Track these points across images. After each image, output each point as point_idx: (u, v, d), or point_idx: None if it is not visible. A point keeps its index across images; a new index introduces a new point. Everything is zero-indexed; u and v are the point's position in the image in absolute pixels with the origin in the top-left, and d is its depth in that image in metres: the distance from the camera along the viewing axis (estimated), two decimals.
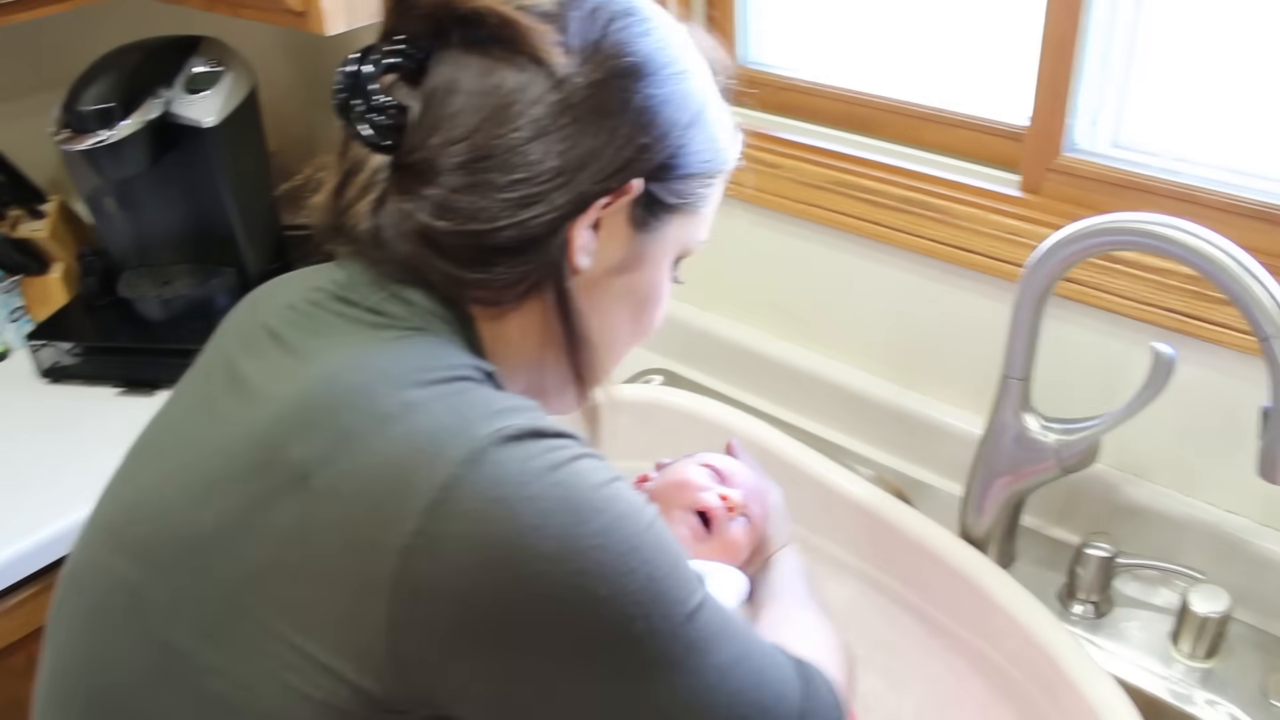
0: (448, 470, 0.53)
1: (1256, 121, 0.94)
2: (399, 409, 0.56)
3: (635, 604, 0.55)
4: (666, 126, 0.64)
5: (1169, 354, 0.84)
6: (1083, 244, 0.84)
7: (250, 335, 0.66)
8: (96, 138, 1.27)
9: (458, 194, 0.61)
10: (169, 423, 0.68)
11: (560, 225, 0.62)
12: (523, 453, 0.55)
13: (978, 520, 1.00)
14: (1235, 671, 0.90)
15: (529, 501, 0.54)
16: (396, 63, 0.61)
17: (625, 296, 0.69)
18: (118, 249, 1.43)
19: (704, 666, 0.58)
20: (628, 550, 0.55)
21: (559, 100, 0.60)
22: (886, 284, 1.14)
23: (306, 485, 0.55)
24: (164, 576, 0.59)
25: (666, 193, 0.66)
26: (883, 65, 1.17)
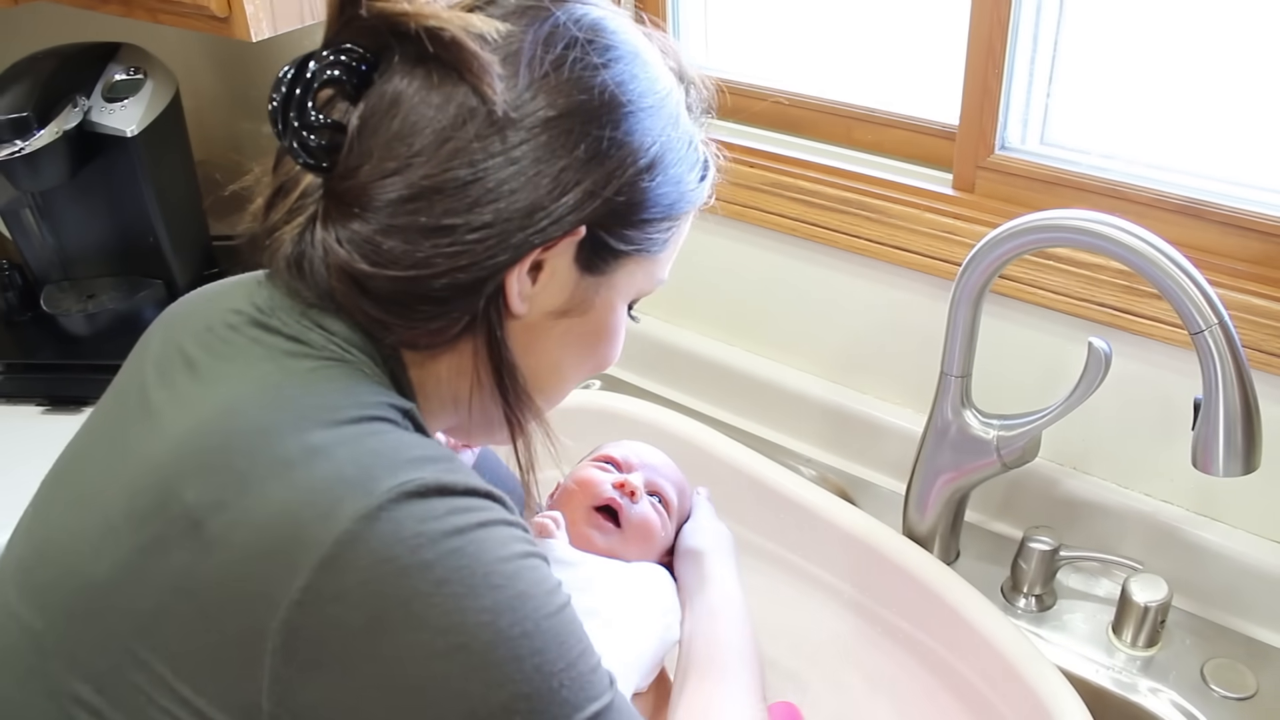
0: (342, 526, 0.50)
1: (1180, 119, 0.96)
2: (300, 454, 0.53)
3: (519, 695, 0.51)
4: (619, 171, 0.60)
5: (1104, 348, 0.85)
6: (1018, 241, 0.85)
7: (165, 358, 0.62)
8: (11, 148, 1.23)
9: (386, 235, 0.57)
10: (80, 452, 0.64)
11: (495, 274, 0.59)
12: (423, 512, 0.52)
13: (921, 517, 1.01)
14: (1175, 659, 0.92)
15: (422, 568, 0.50)
16: (336, 76, 0.57)
17: (570, 339, 0.66)
18: (38, 262, 1.39)
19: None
20: (520, 634, 0.51)
21: (500, 139, 0.57)
22: (823, 284, 1.14)
23: (199, 532, 0.52)
24: (63, 626, 0.55)
25: (617, 239, 0.62)
26: (813, 66, 1.17)
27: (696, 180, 0.66)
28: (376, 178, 0.57)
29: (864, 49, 1.14)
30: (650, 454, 0.94)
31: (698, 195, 0.67)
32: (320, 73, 0.57)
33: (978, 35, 0.96)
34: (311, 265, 0.59)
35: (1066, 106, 1.01)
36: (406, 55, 0.57)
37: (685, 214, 0.66)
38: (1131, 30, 0.95)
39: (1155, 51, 0.95)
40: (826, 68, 1.16)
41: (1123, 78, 0.98)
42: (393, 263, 0.57)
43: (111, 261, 1.40)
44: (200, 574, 0.52)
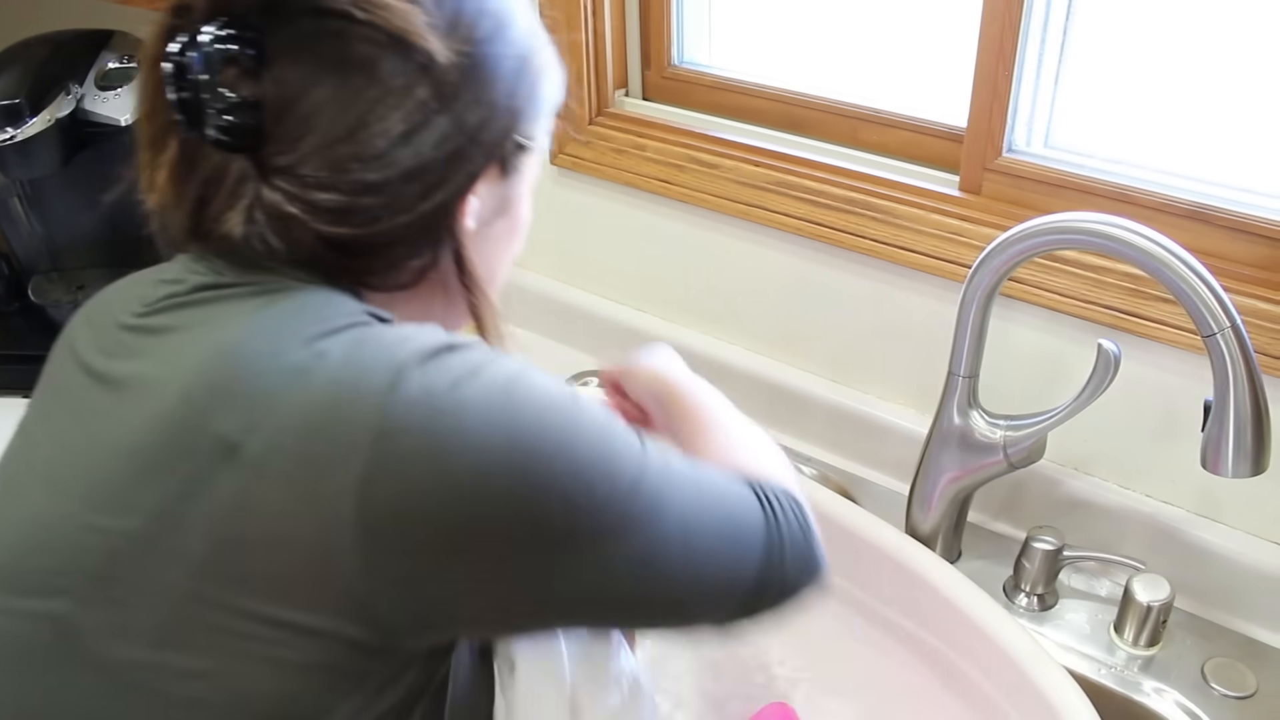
0: (379, 397, 0.54)
1: (1186, 122, 0.97)
2: (311, 359, 0.56)
3: (590, 471, 0.56)
4: (528, 80, 0.65)
5: (1114, 350, 0.86)
6: (1032, 242, 0.85)
7: (110, 342, 0.62)
8: (2, 135, 1.22)
9: (356, 195, 0.59)
10: (32, 453, 0.63)
11: (454, 203, 0.63)
12: (441, 364, 0.56)
13: (924, 516, 1.01)
14: (1177, 658, 0.93)
15: (464, 405, 0.55)
16: (237, 52, 0.57)
17: (501, 237, 0.71)
18: (26, 252, 1.37)
19: (667, 512, 0.59)
20: (566, 426, 0.57)
21: (436, 84, 0.60)
22: (827, 284, 1.14)
23: (238, 456, 0.54)
24: (98, 597, 0.55)
25: (529, 139, 0.68)
26: (819, 65, 1.17)
27: (559, 75, 0.72)
28: (332, 142, 0.58)
29: (868, 49, 1.15)
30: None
31: (561, 88, 0.72)
32: (216, 46, 0.57)
33: (989, 37, 0.97)
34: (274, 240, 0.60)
35: (1072, 109, 1.01)
36: (316, 18, 0.58)
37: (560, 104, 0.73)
38: (1136, 33, 0.96)
39: (1160, 55, 0.96)
40: (832, 67, 1.17)
41: (1127, 80, 0.98)
42: (362, 222, 0.60)
43: (101, 252, 1.38)
44: (255, 494, 0.53)
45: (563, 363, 1.34)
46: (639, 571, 0.58)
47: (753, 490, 0.66)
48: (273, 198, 0.59)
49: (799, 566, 0.66)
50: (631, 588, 0.59)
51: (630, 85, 1.28)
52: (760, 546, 0.64)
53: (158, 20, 0.60)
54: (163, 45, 0.58)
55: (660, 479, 0.60)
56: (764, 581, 0.64)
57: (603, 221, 1.31)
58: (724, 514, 0.63)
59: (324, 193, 0.59)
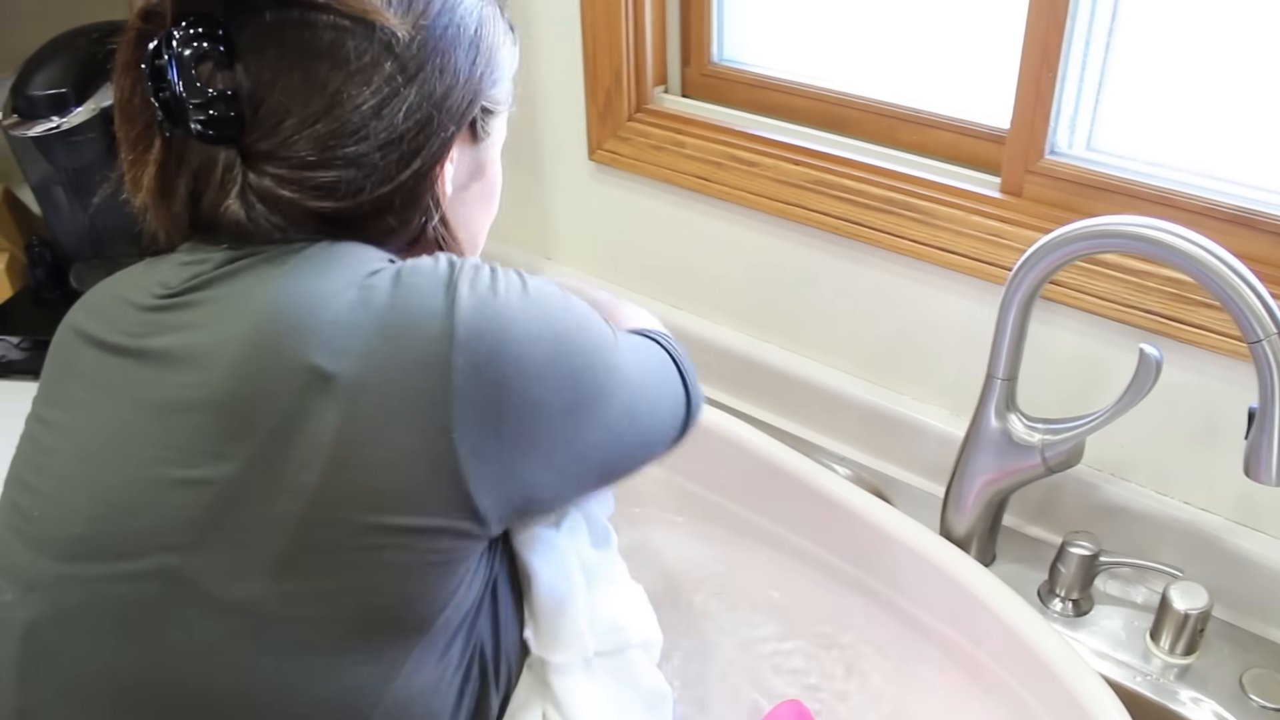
0: (442, 310, 0.60)
1: (1231, 126, 0.96)
2: (367, 292, 0.60)
3: (599, 345, 0.66)
4: (485, 49, 0.69)
5: (1155, 355, 0.85)
6: (1075, 246, 0.85)
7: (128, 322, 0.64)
8: (48, 124, 1.23)
9: (333, 172, 0.63)
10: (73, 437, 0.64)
11: (432, 169, 0.67)
12: (471, 277, 0.62)
13: (960, 519, 1.01)
14: (1214, 668, 0.92)
15: (507, 305, 0.62)
16: (209, 48, 0.61)
17: (477, 200, 0.76)
18: (68, 239, 1.39)
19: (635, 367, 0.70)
20: (572, 309, 0.66)
21: (401, 57, 0.63)
22: (865, 283, 1.14)
23: (334, 384, 0.57)
24: (208, 543, 0.58)
25: (494, 104, 0.73)
26: (859, 64, 1.17)
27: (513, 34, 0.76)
28: (310, 122, 0.62)
29: (909, 49, 1.14)
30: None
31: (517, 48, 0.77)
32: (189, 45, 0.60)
33: (1033, 37, 0.96)
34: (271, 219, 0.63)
35: (1115, 112, 1.01)
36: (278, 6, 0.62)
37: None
38: (1181, 34, 0.95)
39: (1205, 57, 0.95)
40: (872, 67, 1.16)
41: (1171, 83, 0.98)
42: (347, 194, 0.64)
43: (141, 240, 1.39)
44: (359, 416, 0.57)
45: None
46: (630, 418, 0.68)
47: (653, 339, 0.77)
48: (261, 182, 0.63)
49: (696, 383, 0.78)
50: (627, 430, 0.68)
51: (670, 82, 1.28)
52: (677, 375, 0.75)
53: (128, 27, 0.63)
54: (135, 51, 0.62)
55: (624, 339, 0.70)
56: (688, 400, 0.76)
57: (641, 218, 1.31)
58: (656, 358, 0.74)
59: (308, 171, 0.63)
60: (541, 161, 1.37)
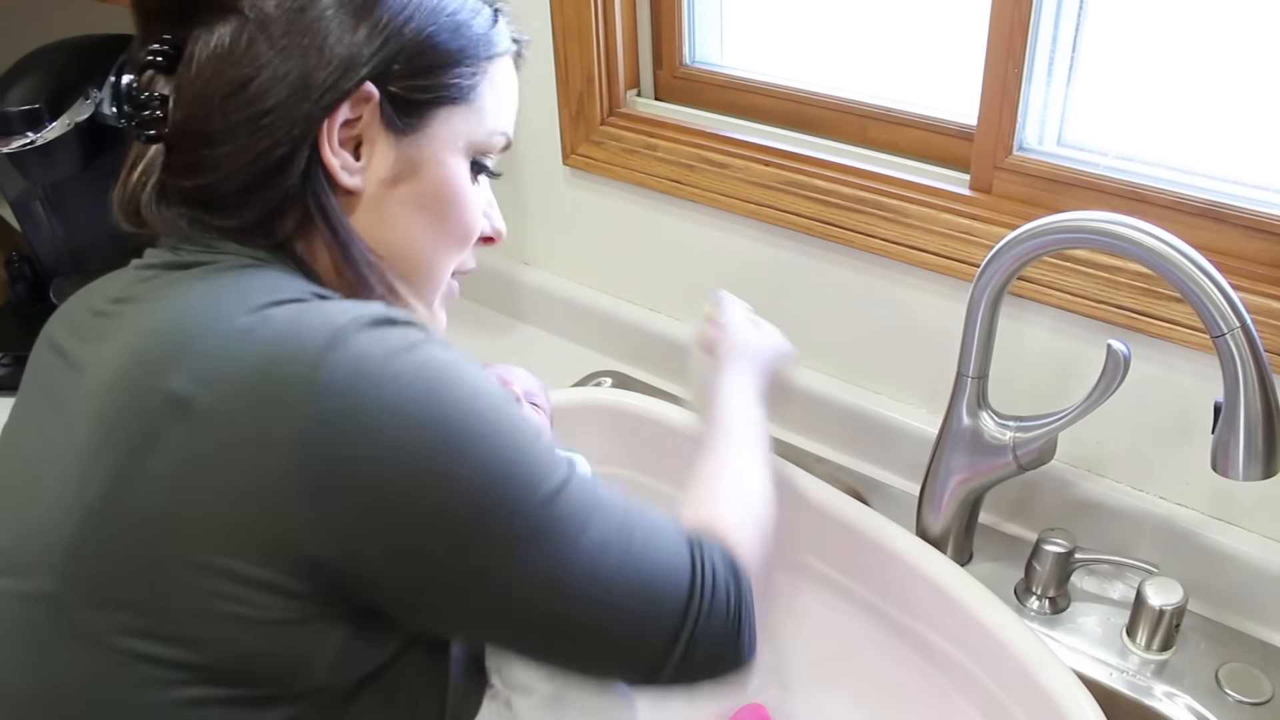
0: (315, 356, 0.56)
1: (1200, 120, 0.95)
2: (257, 322, 0.58)
3: (505, 469, 0.58)
4: (381, 29, 0.65)
5: (1124, 350, 0.85)
6: (1038, 241, 0.84)
7: (83, 325, 0.67)
8: (23, 140, 1.23)
9: (200, 151, 0.64)
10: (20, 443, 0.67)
11: (294, 153, 0.64)
12: (381, 335, 0.58)
13: (935, 518, 1.01)
14: (1189, 663, 0.91)
15: (395, 376, 0.57)
16: (150, 59, 0.65)
17: (414, 205, 0.70)
18: (48, 254, 1.39)
19: (575, 542, 0.59)
20: (490, 420, 0.58)
21: (265, 36, 0.63)
22: (837, 283, 1.14)
23: (188, 412, 0.56)
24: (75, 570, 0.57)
25: (412, 91, 0.67)
26: (829, 64, 1.17)
27: (486, 27, 0.71)
28: (184, 118, 0.64)
29: (879, 47, 1.14)
30: (515, 370, 1.03)
31: (493, 40, 0.72)
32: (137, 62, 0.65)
33: (998, 33, 0.96)
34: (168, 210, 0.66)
35: (1084, 107, 1.00)
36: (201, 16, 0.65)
37: (484, 59, 0.71)
38: (1150, 29, 0.95)
39: (1174, 52, 0.95)
40: (842, 66, 1.16)
41: (1141, 78, 0.97)
42: (207, 171, 0.64)
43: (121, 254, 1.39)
44: (204, 447, 0.56)
45: (574, 362, 1.34)
46: (535, 590, 0.59)
47: (691, 553, 0.65)
48: (164, 168, 0.66)
49: (714, 645, 0.64)
50: (519, 609, 0.59)
51: (642, 85, 1.27)
52: (675, 611, 0.62)
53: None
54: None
55: (580, 504, 0.60)
56: (671, 649, 0.62)
57: (614, 221, 1.31)
58: (646, 569, 0.62)
59: (176, 155, 0.65)
60: (516, 167, 1.37)
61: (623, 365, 1.34)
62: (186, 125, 0.64)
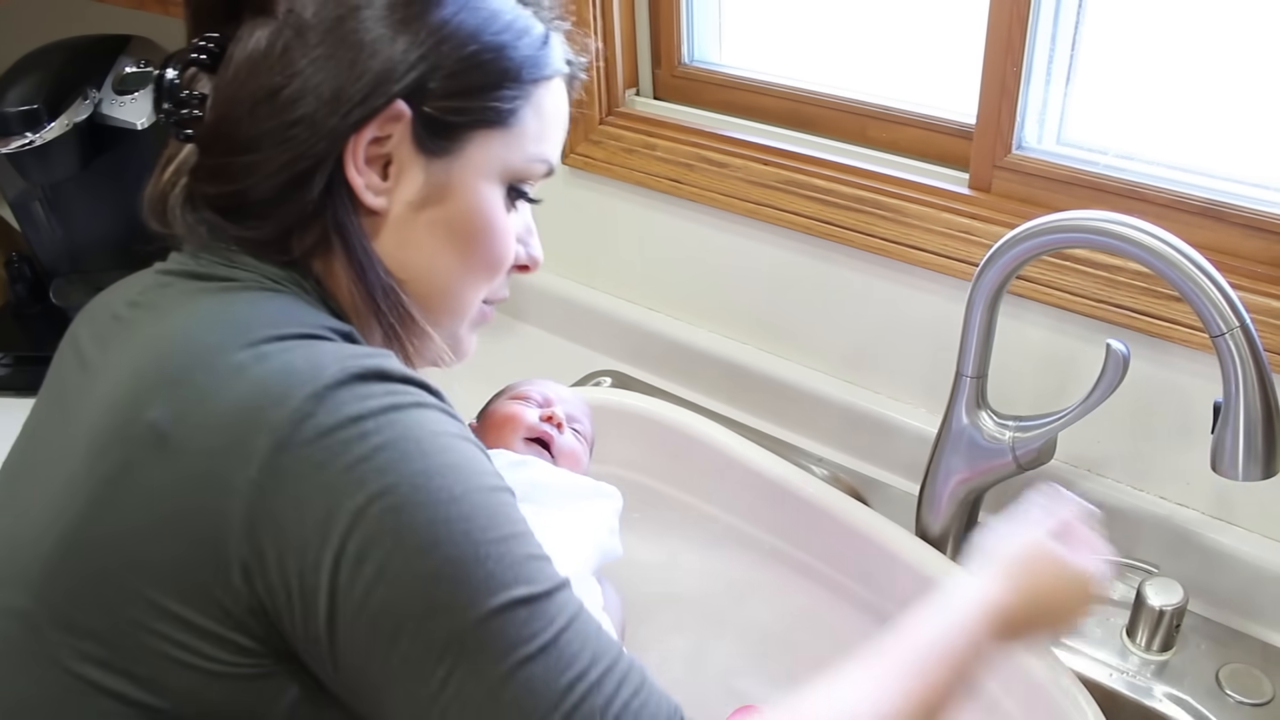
0: (294, 406, 0.54)
1: (1200, 119, 0.95)
2: (252, 359, 0.56)
3: (445, 559, 0.52)
4: (407, 42, 0.62)
5: (1123, 350, 0.84)
6: (1037, 241, 0.84)
7: (103, 329, 0.66)
8: (21, 140, 1.23)
9: (227, 158, 0.62)
10: (32, 444, 0.67)
11: (317, 168, 0.62)
12: (365, 391, 0.55)
13: (934, 518, 1.00)
14: (1190, 663, 0.91)
15: (361, 438, 0.53)
16: (194, 58, 0.63)
17: (440, 231, 0.67)
18: (47, 255, 1.39)
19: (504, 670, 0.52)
20: (448, 499, 0.53)
21: (300, 43, 0.61)
22: (837, 283, 1.13)
23: (165, 445, 0.55)
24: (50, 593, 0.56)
25: (447, 113, 0.63)
26: (828, 63, 1.16)
27: (534, 48, 0.67)
28: (222, 116, 0.63)
29: (878, 46, 1.14)
30: (560, 389, 1.01)
31: (540, 63, 0.67)
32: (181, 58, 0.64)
33: (996, 31, 0.96)
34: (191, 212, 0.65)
35: (1084, 105, 1.00)
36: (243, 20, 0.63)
37: (529, 82, 0.67)
38: (1150, 27, 0.95)
39: (1174, 50, 0.94)
40: (841, 65, 1.16)
41: (1141, 76, 0.97)
42: (234, 177, 0.62)
43: (120, 254, 1.39)
44: (169, 484, 0.54)
45: (573, 361, 1.34)
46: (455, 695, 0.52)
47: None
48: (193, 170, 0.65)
49: None
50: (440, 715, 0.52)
51: (641, 84, 1.27)
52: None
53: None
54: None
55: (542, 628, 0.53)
56: None
57: (613, 221, 1.31)
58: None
59: (205, 159, 0.64)
60: None
61: (622, 365, 1.34)
62: (218, 128, 0.63)
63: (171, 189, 0.66)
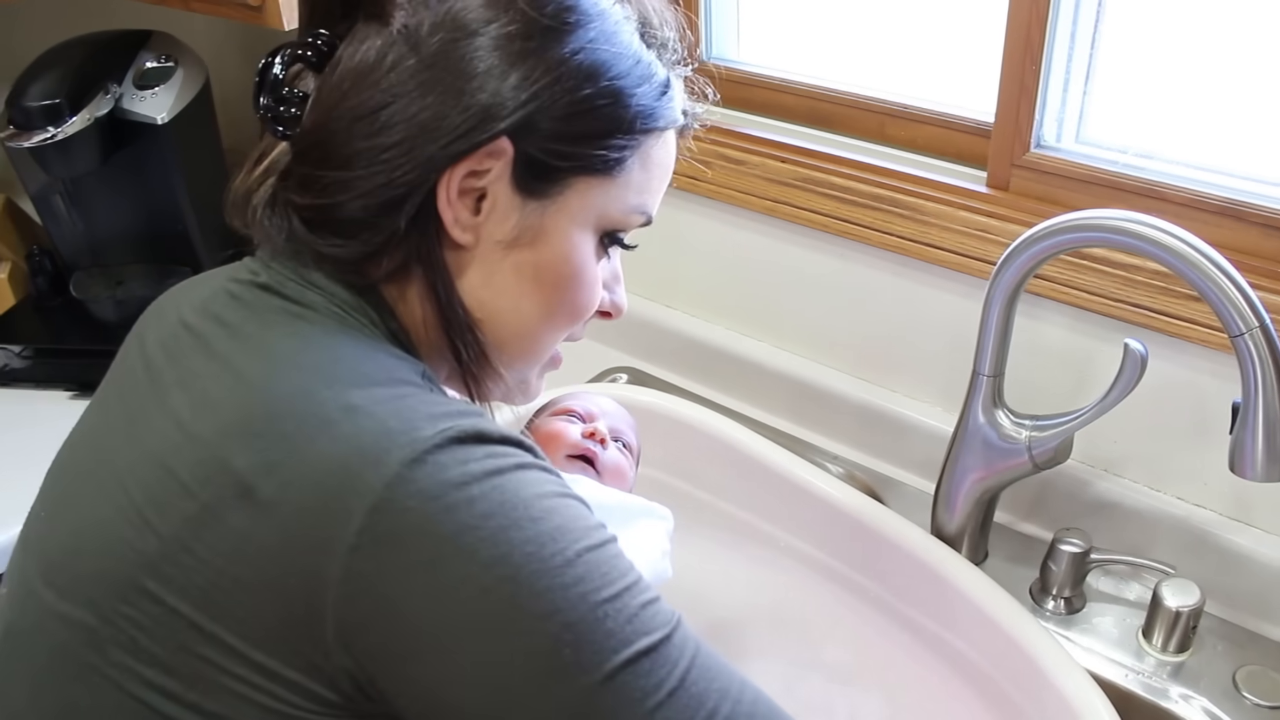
0: (392, 470, 0.52)
1: (1219, 118, 0.94)
2: (341, 412, 0.55)
3: (564, 624, 0.52)
4: (521, 77, 0.59)
5: (1141, 350, 0.84)
6: (1055, 240, 0.84)
7: (170, 337, 0.64)
8: (43, 135, 1.24)
9: (321, 170, 0.60)
10: (92, 443, 0.65)
11: (408, 196, 0.60)
12: (464, 455, 0.54)
13: (950, 517, 1.00)
14: (1207, 665, 0.91)
15: (467, 503, 0.52)
16: (302, 54, 0.61)
17: (527, 274, 0.64)
18: (68, 248, 1.40)
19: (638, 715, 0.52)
20: (562, 563, 0.52)
21: (401, 59, 0.59)
22: (854, 281, 1.13)
23: (252, 496, 0.54)
24: (116, 616, 0.56)
25: (552, 156, 0.61)
26: (847, 61, 1.16)
27: (653, 97, 0.64)
28: (320, 124, 0.60)
29: (897, 44, 1.13)
30: (603, 402, 0.98)
31: (657, 113, 0.64)
32: (289, 52, 0.61)
33: (1016, 29, 0.95)
34: (274, 216, 0.63)
35: (1103, 104, 1.00)
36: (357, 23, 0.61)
37: (641, 132, 0.64)
38: (1168, 26, 0.94)
39: (1193, 48, 0.94)
40: (860, 63, 1.15)
41: (1161, 75, 0.96)
42: (321, 192, 0.60)
43: (140, 248, 1.40)
44: (258, 537, 0.53)
45: (589, 357, 1.34)
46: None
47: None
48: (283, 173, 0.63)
49: None
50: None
51: None
52: None
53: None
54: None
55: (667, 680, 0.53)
56: None
57: None
58: None
59: (298, 167, 0.61)
60: None
61: (638, 361, 1.34)
62: (314, 136, 0.60)
63: (258, 187, 0.64)
